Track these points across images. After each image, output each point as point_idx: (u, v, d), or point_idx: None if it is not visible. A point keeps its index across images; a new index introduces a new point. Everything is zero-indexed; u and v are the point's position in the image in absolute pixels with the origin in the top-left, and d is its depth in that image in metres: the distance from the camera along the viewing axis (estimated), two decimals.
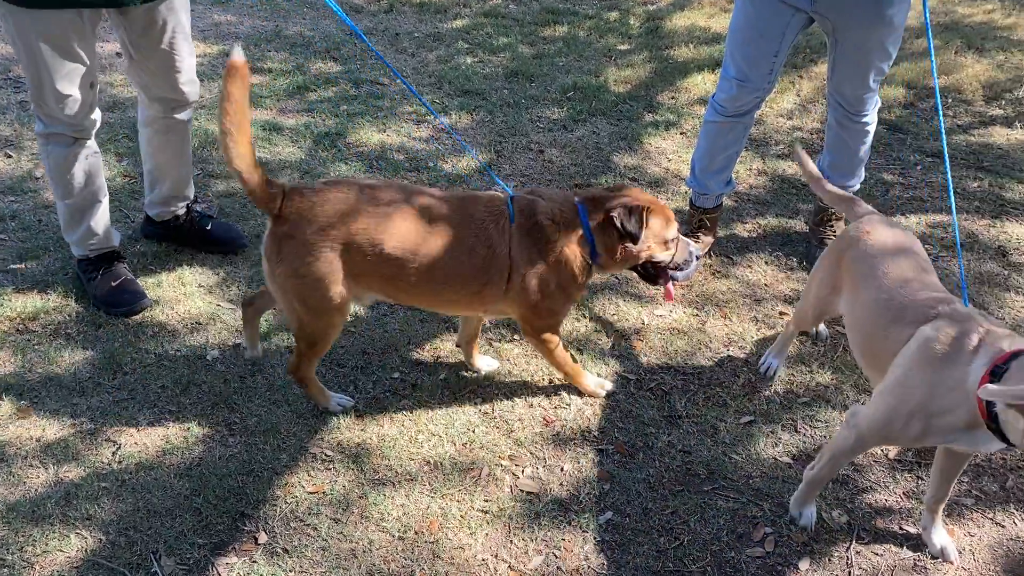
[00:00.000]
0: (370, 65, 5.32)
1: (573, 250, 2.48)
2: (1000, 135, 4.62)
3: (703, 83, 5.14)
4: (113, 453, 2.52)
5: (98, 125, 2.94)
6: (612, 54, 5.69)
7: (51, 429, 2.59)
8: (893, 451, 2.64)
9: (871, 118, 3.27)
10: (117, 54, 4.92)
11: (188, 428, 2.61)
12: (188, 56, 2.98)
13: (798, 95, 5.04)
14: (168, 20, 2.84)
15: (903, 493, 2.50)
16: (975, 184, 4.14)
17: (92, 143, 2.95)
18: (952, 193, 2.69)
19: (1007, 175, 4.22)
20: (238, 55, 2.17)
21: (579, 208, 2.50)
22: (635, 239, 2.46)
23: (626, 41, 5.95)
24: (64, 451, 2.52)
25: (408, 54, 5.57)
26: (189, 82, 3.03)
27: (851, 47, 3.02)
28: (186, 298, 3.16)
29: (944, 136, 2.67)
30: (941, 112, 2.85)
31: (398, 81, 5.11)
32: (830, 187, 2.85)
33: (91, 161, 2.96)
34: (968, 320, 2.04)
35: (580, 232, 2.48)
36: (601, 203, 2.50)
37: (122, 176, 3.89)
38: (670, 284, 2.68)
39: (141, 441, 2.57)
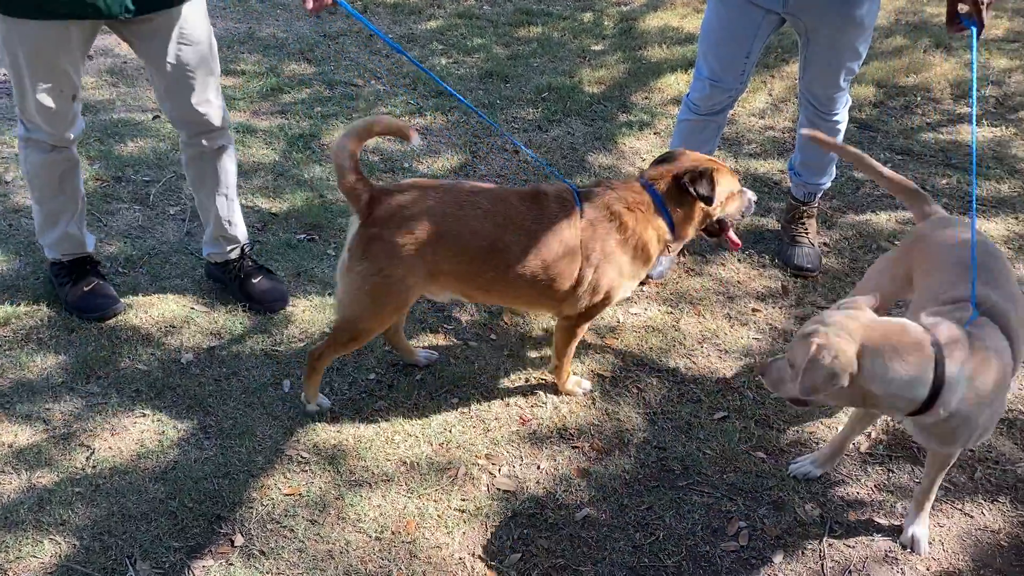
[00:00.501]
0: (344, 66, 5.31)
1: (655, 228, 2.56)
2: (968, 133, 4.69)
3: (676, 83, 5.18)
4: (87, 458, 2.51)
5: (79, 134, 2.86)
6: (586, 55, 5.71)
7: (23, 435, 2.57)
8: (865, 444, 2.68)
9: (842, 116, 3.32)
10: (89, 57, 4.88)
11: (163, 432, 2.60)
12: (203, 74, 2.78)
13: (770, 95, 5.09)
14: (173, 32, 2.67)
15: (874, 486, 2.54)
16: (944, 181, 4.20)
17: (72, 151, 2.90)
18: (975, 197, 2.73)
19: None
20: None
21: (647, 187, 2.57)
22: (710, 201, 2.54)
23: (600, 42, 5.98)
24: (37, 456, 2.50)
25: (383, 55, 5.56)
26: (205, 103, 2.82)
27: (822, 47, 3.06)
28: (159, 301, 3.14)
29: (975, 138, 2.71)
30: (975, 118, 2.81)
31: (372, 83, 5.10)
32: (897, 177, 2.77)
33: (69, 167, 2.91)
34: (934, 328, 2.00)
35: (655, 210, 2.55)
36: (666, 176, 2.58)
37: (94, 179, 3.86)
38: (731, 232, 2.77)
39: (115, 445, 2.55)
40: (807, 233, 3.58)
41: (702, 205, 2.57)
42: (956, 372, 1.93)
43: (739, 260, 3.56)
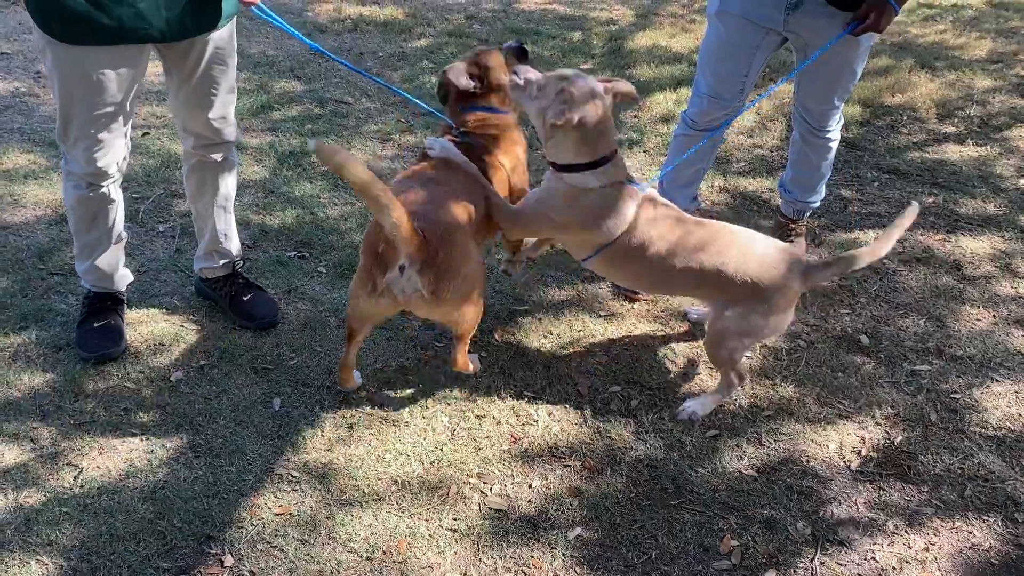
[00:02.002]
0: (335, 84, 5.32)
1: None
2: (953, 152, 4.75)
3: (665, 102, 5.22)
4: (75, 477, 2.48)
5: (121, 172, 2.78)
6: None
7: (10, 454, 2.54)
8: (856, 462, 2.69)
9: (835, 134, 3.36)
10: None
11: (152, 451, 2.58)
12: (225, 92, 2.81)
13: (758, 113, 5.13)
14: (207, 50, 2.67)
15: (865, 504, 2.55)
16: (930, 199, 4.24)
17: (108, 189, 2.78)
18: None
19: (960, 191, 4.33)
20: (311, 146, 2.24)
21: None
22: None
23: (589, 60, 6.02)
24: (24, 476, 2.47)
25: (373, 73, 5.58)
26: (221, 119, 2.85)
27: (820, 65, 3.09)
28: (149, 319, 3.12)
29: None
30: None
31: (363, 100, 5.11)
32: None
33: (103, 206, 2.81)
34: None
35: None
36: None
37: None
38: None
39: (103, 465, 2.53)
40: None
41: None
42: None
43: None
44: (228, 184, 3.05)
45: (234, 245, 3.17)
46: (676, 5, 7.40)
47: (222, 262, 3.15)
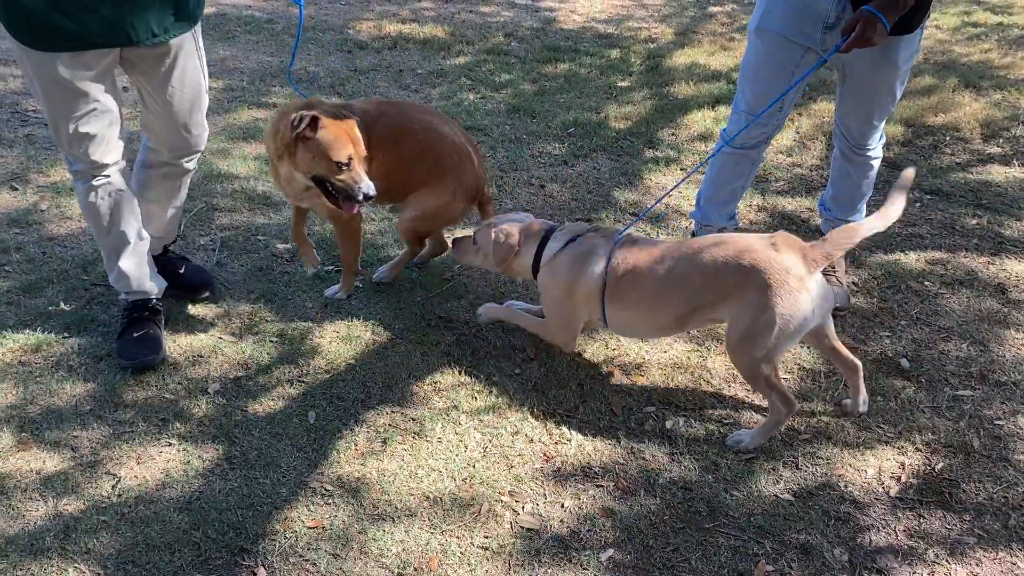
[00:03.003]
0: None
1: None
2: (998, 173, 4.66)
3: (703, 120, 5.20)
4: (113, 486, 2.52)
5: (119, 163, 2.87)
6: (613, 91, 5.75)
7: (51, 462, 2.59)
8: (895, 488, 2.63)
9: (876, 153, 3.33)
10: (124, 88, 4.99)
11: (188, 461, 2.61)
12: (201, 100, 2.92)
13: (797, 132, 5.08)
14: (179, 58, 2.78)
15: (904, 531, 2.49)
16: (974, 221, 4.17)
17: (115, 179, 2.87)
18: None
19: (1005, 212, 4.24)
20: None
21: None
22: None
23: (627, 78, 6.02)
24: (64, 484, 2.51)
25: (412, 90, 5.63)
26: (197, 125, 2.97)
27: (858, 84, 3.08)
28: (188, 330, 3.17)
29: None
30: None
31: None
32: None
33: (115, 199, 2.88)
34: None
35: None
36: None
37: None
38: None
39: (141, 474, 2.56)
40: (835, 271, 3.55)
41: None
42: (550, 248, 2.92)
43: None
44: (186, 187, 3.22)
45: (174, 234, 3.36)
46: (716, 23, 7.39)
47: (159, 245, 3.30)
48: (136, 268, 3.03)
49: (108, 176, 2.86)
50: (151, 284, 3.09)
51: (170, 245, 3.37)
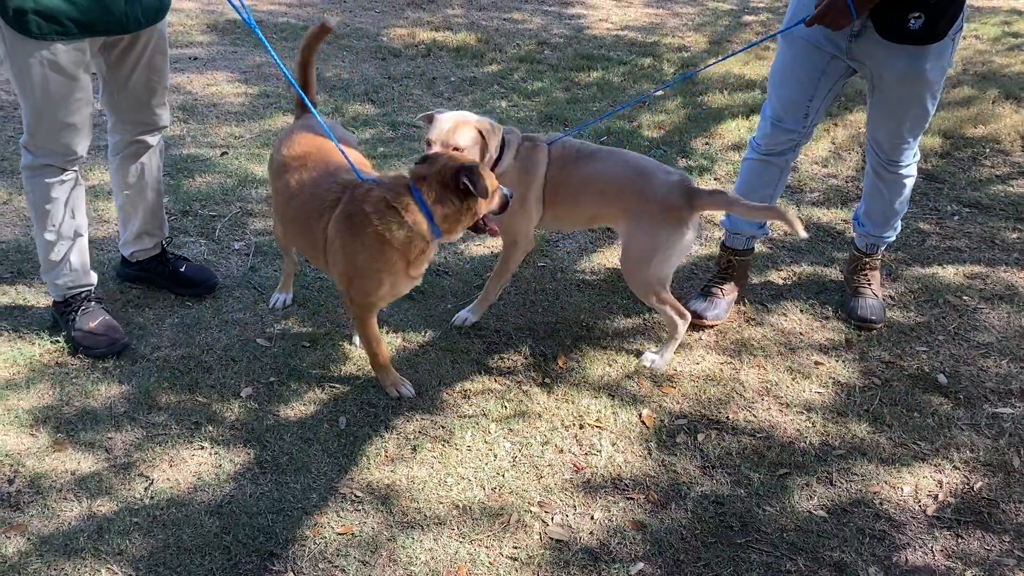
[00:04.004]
0: (407, 108, 5.40)
1: (406, 228, 2.63)
2: None
3: (737, 129, 5.16)
4: (145, 488, 2.54)
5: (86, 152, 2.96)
6: (646, 100, 5.73)
7: (86, 463, 2.61)
8: (932, 507, 2.58)
9: (909, 170, 3.25)
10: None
11: (220, 465, 2.63)
12: (165, 80, 3.05)
13: (833, 142, 5.03)
14: (152, 40, 2.91)
15: (942, 551, 2.44)
16: (1014, 235, 4.09)
17: (78, 173, 2.97)
18: None
19: None
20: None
21: (410, 188, 2.64)
22: (485, 193, 2.62)
23: (660, 87, 5.99)
24: (98, 485, 2.54)
25: (444, 97, 5.65)
26: (161, 105, 3.09)
27: (887, 97, 3.02)
28: (222, 334, 3.19)
29: None
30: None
31: None
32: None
33: (76, 193, 2.97)
34: None
35: (414, 209, 2.63)
36: (429, 179, 2.63)
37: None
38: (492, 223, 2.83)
39: (173, 477, 2.58)
40: (870, 285, 3.50)
41: (473, 201, 2.64)
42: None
43: (801, 311, 3.50)
44: (159, 166, 3.25)
45: (164, 224, 3.38)
46: (750, 32, 7.34)
47: (153, 242, 3.34)
48: (82, 260, 3.10)
49: (76, 168, 2.95)
50: (92, 274, 3.18)
51: (167, 245, 3.42)
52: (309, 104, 2.94)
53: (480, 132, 2.91)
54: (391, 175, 2.76)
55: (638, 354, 3.19)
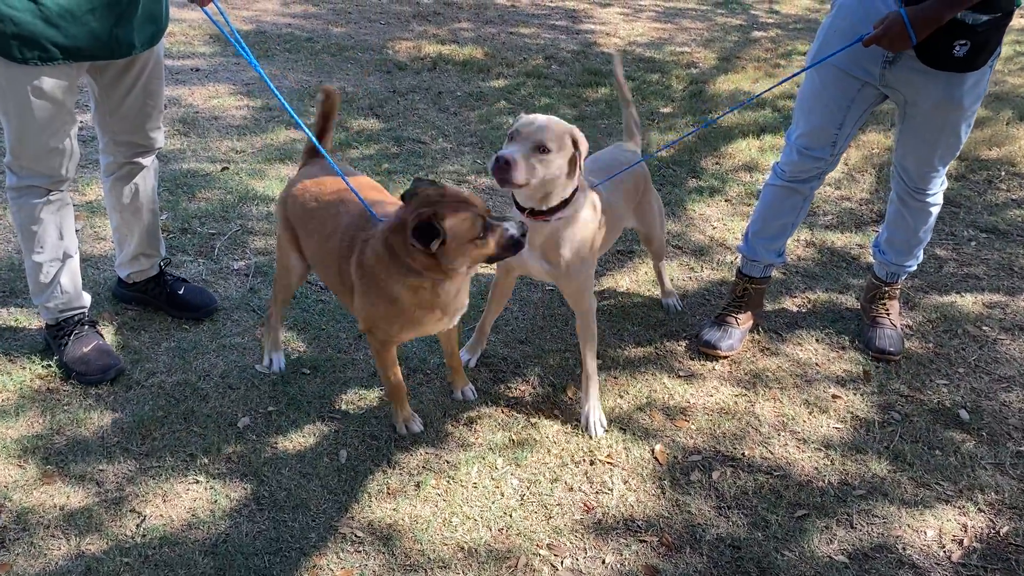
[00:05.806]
0: (412, 123, 5.31)
1: (403, 279, 2.46)
2: None
3: (748, 149, 5.06)
4: (137, 525, 2.43)
5: (73, 175, 2.87)
6: (654, 117, 5.64)
7: (75, 497, 2.51)
8: (957, 553, 2.47)
9: (936, 199, 3.16)
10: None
11: (215, 500, 2.52)
12: (160, 102, 2.97)
13: (846, 164, 4.94)
14: (147, 67, 2.83)
15: None
16: None
17: (66, 194, 2.88)
18: None
19: None
20: None
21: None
22: (441, 244, 2.29)
23: (668, 104, 5.91)
24: (87, 521, 2.43)
25: (450, 112, 5.56)
26: (156, 129, 3.01)
27: (920, 124, 2.92)
28: (219, 360, 3.09)
29: None
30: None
31: (439, 140, 5.08)
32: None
33: (64, 213, 2.88)
34: None
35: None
36: (395, 227, 2.40)
37: (162, 230, 3.86)
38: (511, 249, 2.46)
39: (167, 513, 2.48)
40: (888, 315, 3.40)
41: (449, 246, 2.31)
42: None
43: (816, 340, 3.39)
44: (154, 186, 3.17)
45: (161, 244, 3.30)
46: (760, 49, 7.26)
47: (150, 263, 3.26)
48: (73, 282, 3.01)
49: (63, 190, 2.86)
50: (85, 296, 3.09)
51: (165, 266, 3.34)
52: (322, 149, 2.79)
53: (573, 138, 2.59)
54: (395, 211, 2.51)
55: (650, 384, 3.09)
